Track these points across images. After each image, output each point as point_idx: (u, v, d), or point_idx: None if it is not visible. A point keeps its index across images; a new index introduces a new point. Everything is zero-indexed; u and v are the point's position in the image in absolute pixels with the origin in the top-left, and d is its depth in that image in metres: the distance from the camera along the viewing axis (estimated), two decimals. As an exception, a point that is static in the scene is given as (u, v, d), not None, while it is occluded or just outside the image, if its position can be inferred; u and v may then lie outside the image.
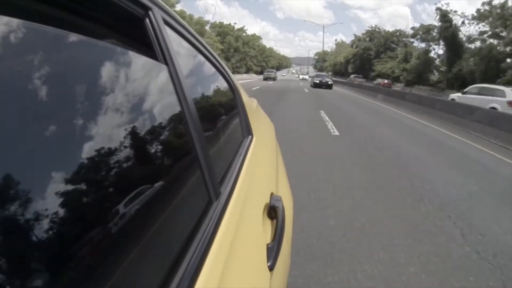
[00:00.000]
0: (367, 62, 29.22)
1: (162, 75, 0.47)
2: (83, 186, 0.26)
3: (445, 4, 21.35)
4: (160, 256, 0.37)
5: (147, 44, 0.47)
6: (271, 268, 0.56)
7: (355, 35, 35.01)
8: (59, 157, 0.25)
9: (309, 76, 33.92)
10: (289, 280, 0.90)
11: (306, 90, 17.70)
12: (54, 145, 0.25)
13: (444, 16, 20.52)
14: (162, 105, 0.45)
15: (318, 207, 2.35)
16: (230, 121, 0.91)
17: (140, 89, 0.40)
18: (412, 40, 24.88)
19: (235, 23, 40.44)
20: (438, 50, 21.44)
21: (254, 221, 0.60)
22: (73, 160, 0.27)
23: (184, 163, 0.50)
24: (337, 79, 27.43)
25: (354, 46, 33.91)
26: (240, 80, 26.61)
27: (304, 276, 1.56)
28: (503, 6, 17.38)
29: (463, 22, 20.05)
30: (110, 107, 0.33)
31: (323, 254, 1.76)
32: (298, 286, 1.51)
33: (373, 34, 31.61)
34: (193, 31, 0.73)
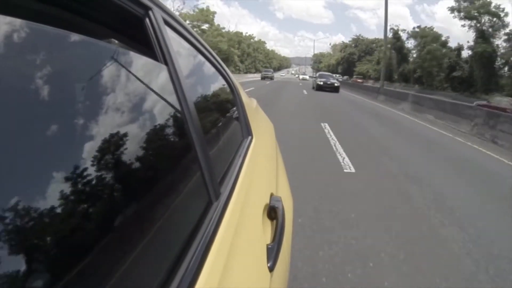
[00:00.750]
0: (352, 64, 38.59)
1: (162, 75, 0.47)
2: (82, 187, 0.26)
3: (396, 25, 32.19)
4: (160, 256, 0.37)
5: (147, 44, 0.47)
6: (271, 269, 0.56)
7: (343, 42, 45.62)
8: (58, 157, 0.25)
9: (310, 76, 37.81)
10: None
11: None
12: (53, 145, 0.25)
13: (395, 33, 30.26)
14: (161, 105, 0.45)
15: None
16: (229, 122, 0.91)
17: (139, 89, 0.40)
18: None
19: (247, 33, 53.16)
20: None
21: (254, 221, 0.60)
22: (73, 160, 0.27)
23: (183, 164, 0.50)
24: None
25: (342, 51, 43.99)
26: (253, 78, 31.00)
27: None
28: (424, 29, 27.55)
29: (407, 38, 29.86)
30: (109, 107, 0.33)
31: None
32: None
33: (357, 41, 41.08)
34: (193, 31, 0.73)
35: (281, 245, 0.62)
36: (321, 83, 17.30)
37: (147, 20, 0.47)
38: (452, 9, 21.10)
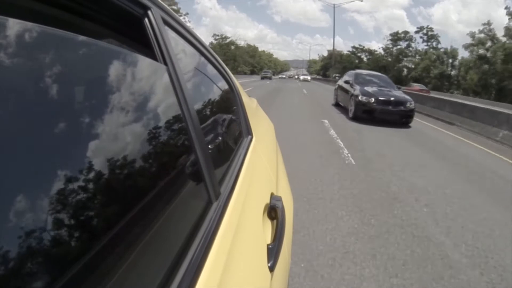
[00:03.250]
0: (327, 70, 58.52)
1: (162, 75, 0.47)
2: (83, 187, 0.26)
3: (340, 50, 60.52)
4: (161, 257, 0.37)
5: (146, 44, 0.47)
6: (271, 269, 0.56)
7: (324, 55, 68.21)
8: (57, 157, 0.25)
9: (311, 78, 47.28)
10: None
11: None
12: (51, 145, 0.25)
13: (341, 56, 45.18)
14: (161, 105, 0.45)
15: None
16: (230, 121, 0.91)
17: (139, 89, 0.40)
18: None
19: (264, 50, 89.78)
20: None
21: (254, 221, 0.60)
22: (72, 160, 0.27)
23: (183, 164, 0.50)
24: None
25: (322, 61, 65.86)
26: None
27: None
28: (349, 55, 48.78)
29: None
30: (108, 107, 0.33)
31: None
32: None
33: (331, 55, 59.56)
34: (193, 31, 0.73)
35: (282, 245, 0.62)
36: (371, 100, 6.52)
37: (146, 19, 0.47)
38: (351, 49, 45.18)
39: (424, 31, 29.70)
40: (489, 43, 22.74)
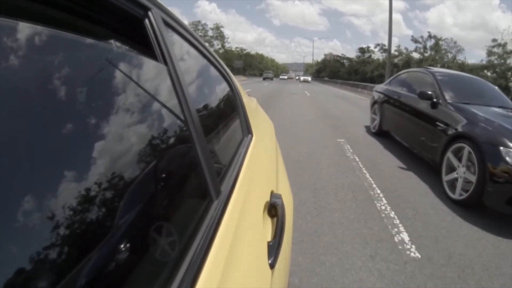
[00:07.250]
0: (320, 72, 69.69)
1: (162, 75, 0.48)
2: (82, 187, 0.26)
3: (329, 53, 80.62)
4: (162, 255, 0.37)
5: (146, 45, 0.48)
6: (272, 266, 0.56)
7: (318, 61, 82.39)
8: (58, 158, 0.26)
9: (311, 79, 53.69)
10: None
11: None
12: (51, 146, 0.25)
13: (329, 61, 55.93)
14: (161, 105, 0.45)
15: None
16: (230, 121, 0.91)
17: (139, 89, 0.41)
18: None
19: (267, 56, 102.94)
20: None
21: (254, 219, 0.61)
22: (72, 160, 0.27)
23: (184, 163, 0.50)
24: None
25: (317, 66, 78.30)
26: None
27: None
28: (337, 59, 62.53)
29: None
30: (109, 108, 0.34)
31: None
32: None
33: (325, 60, 73.14)
34: (193, 31, 0.73)
35: (282, 242, 0.63)
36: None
37: (147, 20, 0.47)
38: (340, 58, 58.41)
39: (380, 46, 48.36)
40: (399, 57, 40.66)
